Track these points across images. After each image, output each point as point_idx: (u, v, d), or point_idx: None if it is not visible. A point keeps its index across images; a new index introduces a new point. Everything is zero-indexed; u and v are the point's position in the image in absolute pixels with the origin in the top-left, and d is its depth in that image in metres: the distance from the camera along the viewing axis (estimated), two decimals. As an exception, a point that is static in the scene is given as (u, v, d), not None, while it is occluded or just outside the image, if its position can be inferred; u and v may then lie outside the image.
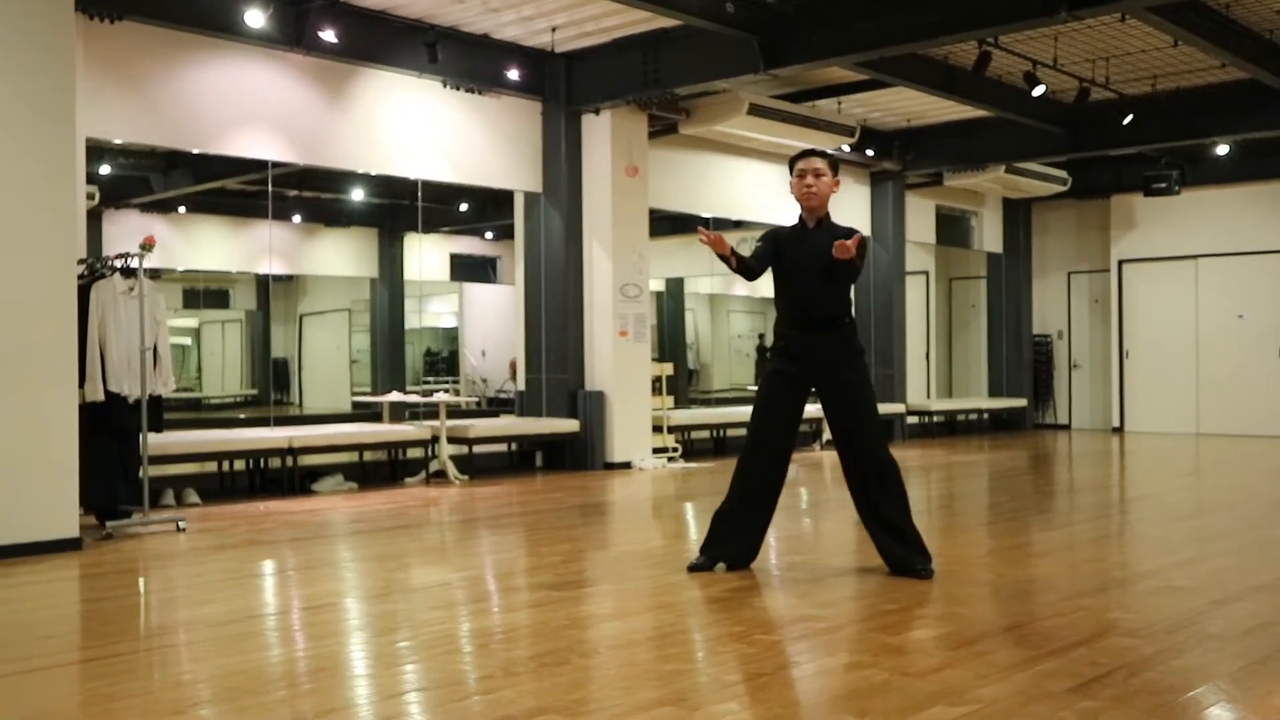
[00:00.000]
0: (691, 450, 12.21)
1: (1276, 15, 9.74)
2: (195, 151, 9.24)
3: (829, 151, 5.81)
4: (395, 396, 11.25)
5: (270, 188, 10.44)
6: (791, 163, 5.71)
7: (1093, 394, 16.84)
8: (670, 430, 11.64)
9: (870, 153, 13.87)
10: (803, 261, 5.54)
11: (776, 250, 5.63)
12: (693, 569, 5.52)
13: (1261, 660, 3.93)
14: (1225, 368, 15.27)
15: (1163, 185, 14.58)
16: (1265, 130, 12.34)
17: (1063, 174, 15.15)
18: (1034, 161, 14.28)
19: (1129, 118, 12.10)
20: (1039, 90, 10.78)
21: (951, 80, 11.18)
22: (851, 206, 14.53)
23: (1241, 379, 15.11)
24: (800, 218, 5.67)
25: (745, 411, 5.98)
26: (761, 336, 16.77)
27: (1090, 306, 16.91)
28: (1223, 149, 14.10)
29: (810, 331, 5.52)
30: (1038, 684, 3.60)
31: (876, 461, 5.47)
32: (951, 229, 16.19)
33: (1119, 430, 16.06)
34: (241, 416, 13.55)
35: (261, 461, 9.35)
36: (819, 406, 5.63)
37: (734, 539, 5.56)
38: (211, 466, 9.09)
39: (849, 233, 5.42)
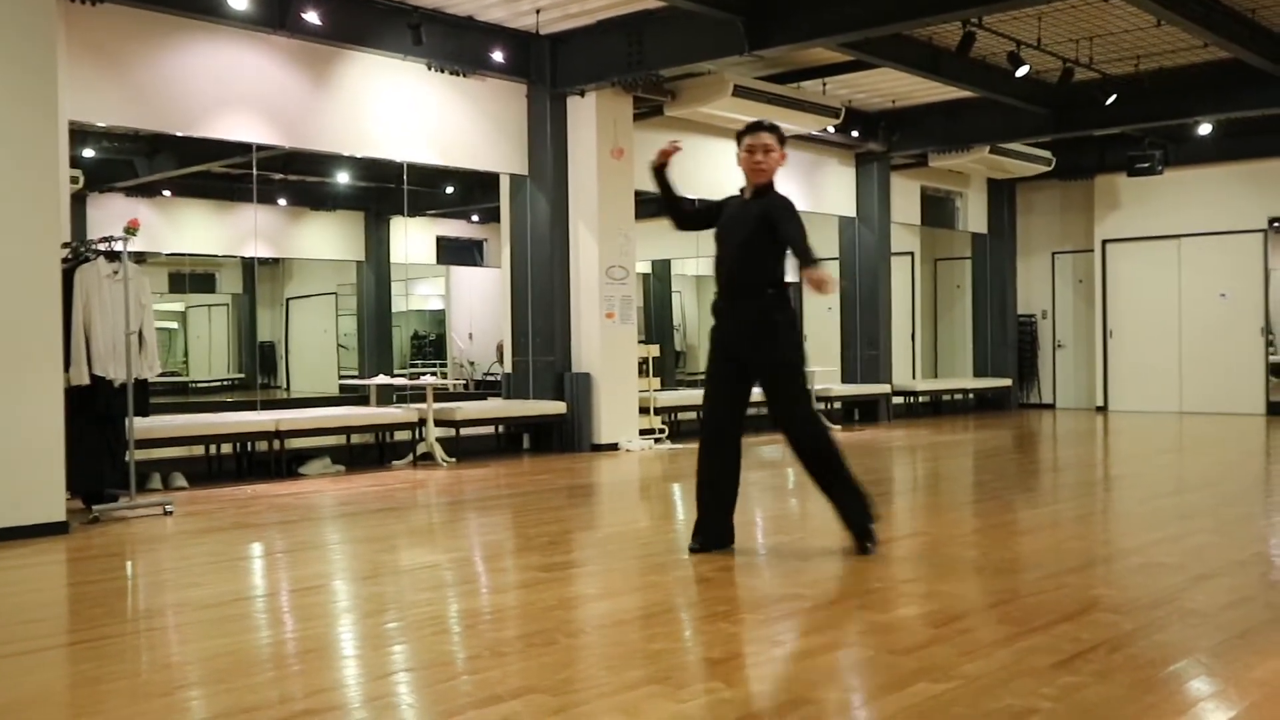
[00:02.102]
0: (678, 431, 12.23)
1: (1259, -5, 9.75)
2: (179, 134, 9.17)
3: (777, 125, 5.67)
4: (382, 380, 11.23)
5: (255, 171, 10.39)
6: (740, 136, 5.57)
7: (1076, 373, 16.90)
8: (657, 412, 11.65)
9: (855, 134, 13.85)
10: (728, 228, 5.51)
11: (715, 216, 5.63)
12: (693, 551, 5.46)
13: (1241, 634, 3.96)
14: (1207, 347, 15.34)
15: (1146, 165, 14.62)
16: (1247, 110, 12.37)
17: (1047, 154, 15.17)
18: (1018, 142, 14.29)
19: (1112, 98, 12.12)
20: (1023, 71, 10.78)
21: (936, 61, 11.17)
22: (837, 188, 14.56)
23: (1223, 358, 15.19)
24: (741, 189, 5.57)
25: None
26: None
27: (1074, 286, 16.96)
28: (1205, 129, 14.13)
29: (733, 299, 5.47)
30: (1021, 660, 3.62)
31: (800, 432, 5.45)
32: (936, 210, 16.20)
33: (1103, 409, 16.14)
34: (228, 400, 13.53)
35: (248, 445, 9.33)
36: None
37: (709, 522, 5.52)
38: (198, 450, 9.07)
39: (783, 202, 5.40)
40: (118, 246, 7.17)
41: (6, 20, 6.27)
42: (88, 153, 11.23)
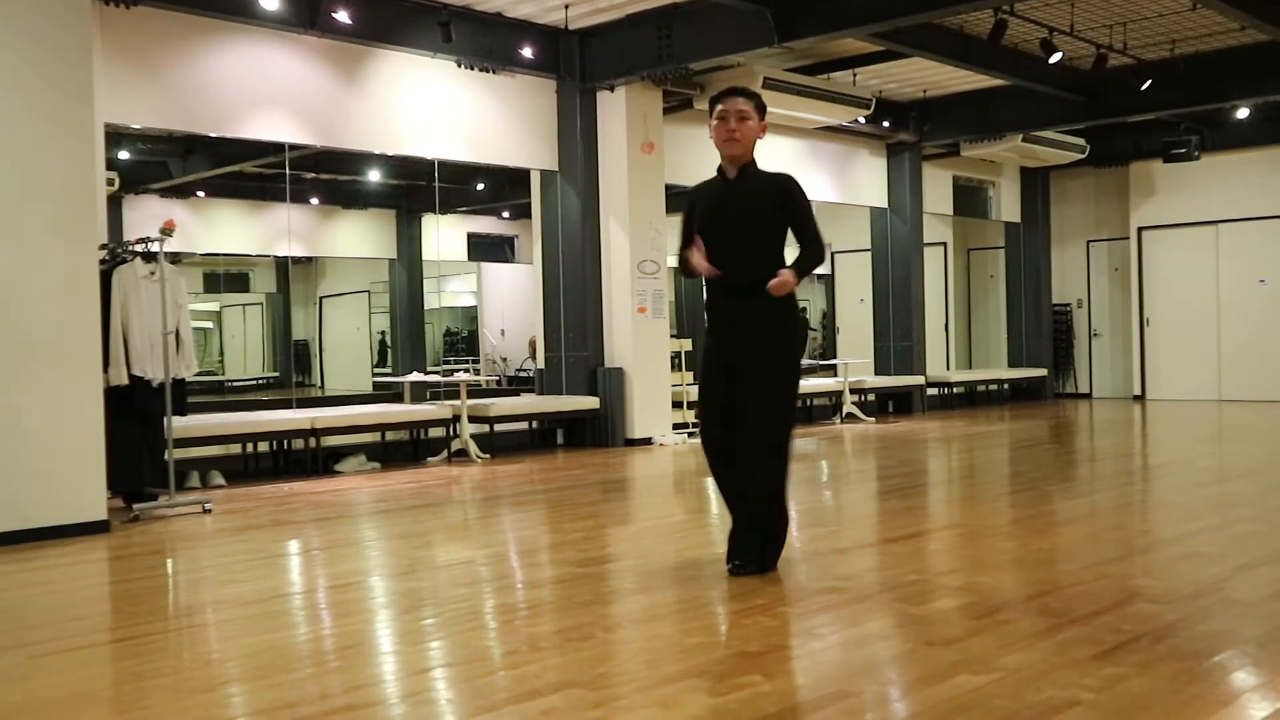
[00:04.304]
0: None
1: (1296, -24, 9.61)
2: (212, 135, 9.25)
3: (754, 90, 4.96)
4: (416, 377, 11.28)
5: (288, 170, 10.46)
6: (711, 104, 4.85)
7: (1113, 362, 16.75)
8: (690, 406, 11.63)
9: (886, 124, 13.80)
10: (721, 217, 4.77)
11: (692, 213, 4.88)
12: (733, 572, 4.83)
13: (1286, 625, 3.91)
14: (1247, 334, 15.16)
15: (1182, 151, 14.47)
16: (1286, 93, 12.22)
17: (1080, 142, 15.03)
18: (1051, 130, 14.17)
19: (1147, 83, 11.98)
20: (1056, 58, 10.68)
21: (968, 49, 11.09)
22: (868, 179, 14.49)
23: (1264, 345, 15.00)
24: (719, 168, 4.87)
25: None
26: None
27: (1110, 275, 16.80)
28: (1243, 113, 13.96)
29: (734, 298, 4.75)
30: (1061, 651, 3.59)
31: (755, 444, 4.68)
32: (969, 199, 16.10)
33: (1140, 398, 15.99)
34: (264, 398, 13.62)
35: (285, 443, 9.40)
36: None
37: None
38: (235, 448, 9.13)
39: (777, 179, 4.79)
40: (154, 247, 7.24)
41: (43, 25, 6.33)
42: (123, 155, 11.33)
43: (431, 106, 10.14)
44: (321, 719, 3.15)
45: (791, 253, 4.81)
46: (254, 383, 15.23)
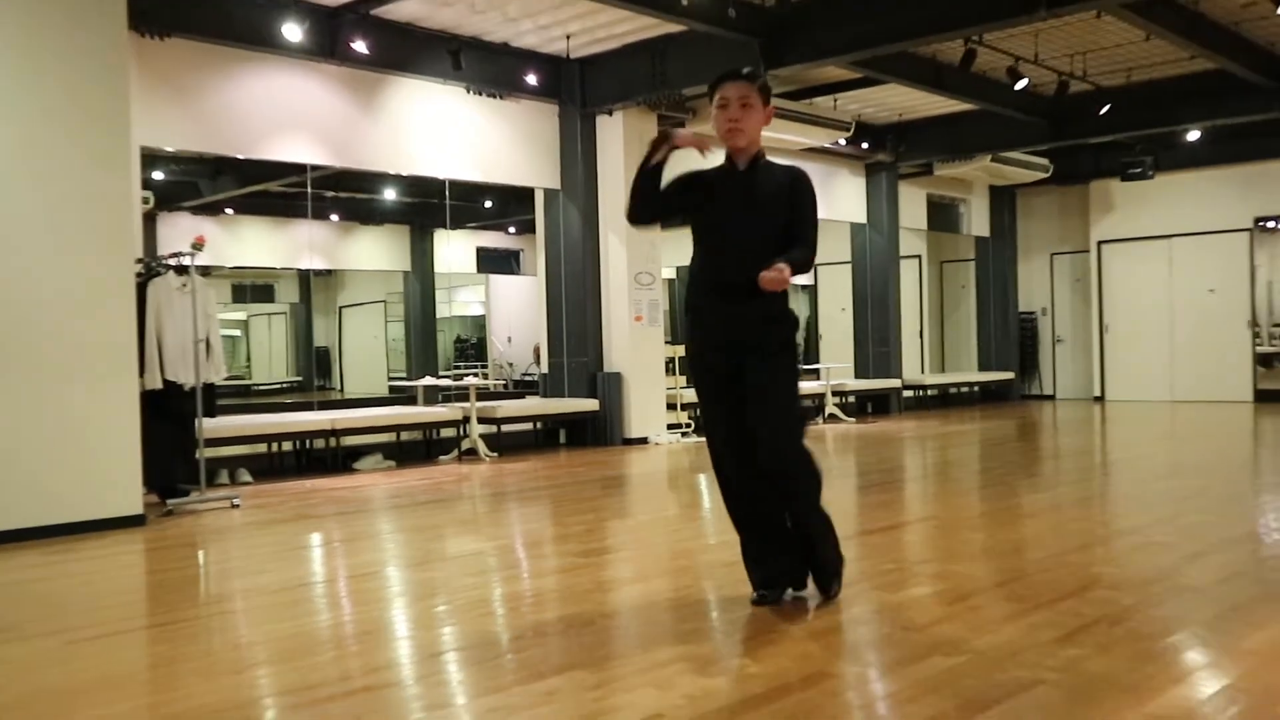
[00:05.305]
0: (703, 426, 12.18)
1: (1241, 9, 9.65)
2: (239, 157, 9.25)
3: (759, 73, 4.09)
4: (428, 381, 11.27)
5: (309, 189, 10.45)
6: (711, 90, 4.04)
7: (1075, 366, 16.77)
8: (683, 407, 11.64)
9: (865, 145, 13.81)
10: (730, 212, 4.01)
11: (699, 195, 4.08)
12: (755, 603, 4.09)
13: (1234, 608, 3.92)
14: (1197, 339, 15.20)
15: (1138, 170, 14.51)
16: (1233, 117, 12.24)
17: (1044, 162, 15.05)
18: (1017, 151, 14.20)
19: (1106, 108, 12.03)
20: (1021, 84, 10.70)
21: (940, 76, 11.11)
22: (848, 196, 14.49)
23: (1213, 349, 15.05)
24: (728, 155, 4.08)
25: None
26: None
27: (1072, 285, 16.82)
28: (1193, 135, 13.99)
29: (731, 300, 3.94)
30: (1027, 635, 3.60)
31: (778, 458, 3.93)
32: (941, 215, 16.12)
33: (1100, 399, 16.00)
34: (287, 401, 13.60)
35: (307, 442, 9.39)
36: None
37: (764, 565, 4.13)
38: (261, 448, 9.13)
39: (791, 172, 4.06)
40: (186, 261, 7.24)
41: (84, 55, 6.34)
42: (157, 175, 11.31)
43: (442, 129, 10.15)
44: (343, 699, 3.16)
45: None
46: (278, 386, 15.21)
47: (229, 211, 13.14)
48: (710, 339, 4.02)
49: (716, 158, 4.15)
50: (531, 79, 10.43)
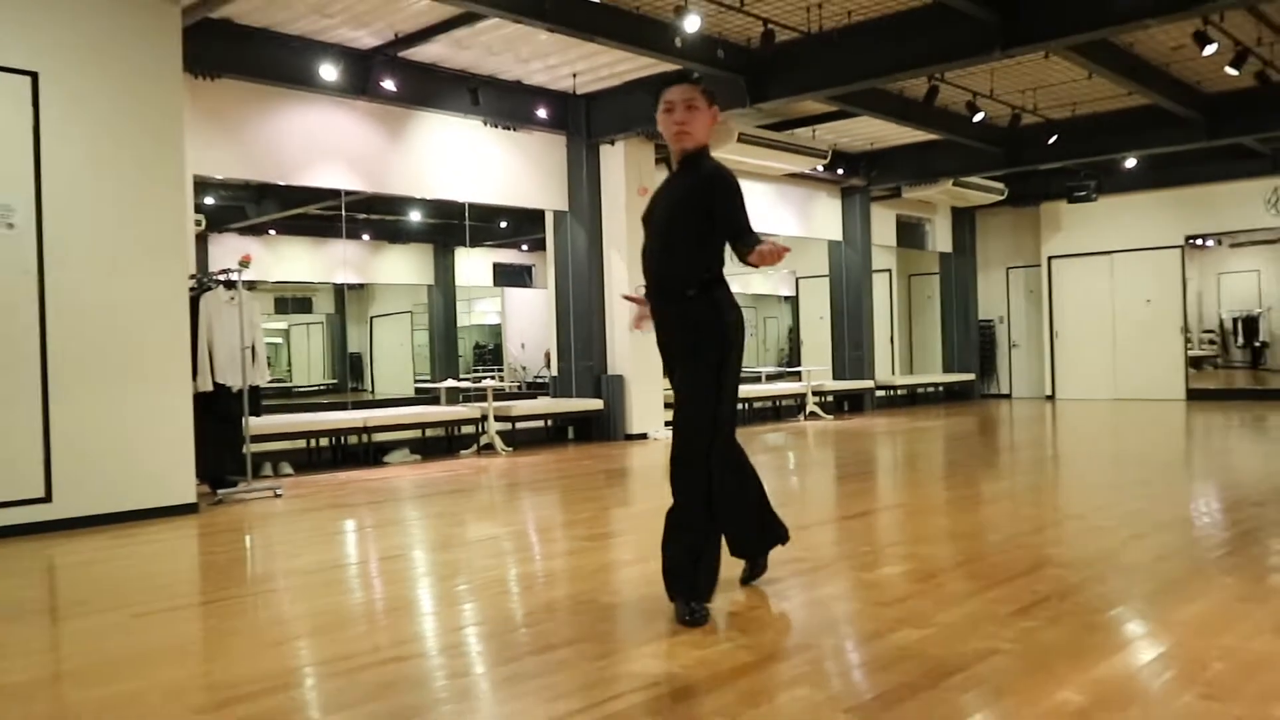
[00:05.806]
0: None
1: (1172, 51, 9.67)
2: (281, 183, 9.25)
3: (701, 78, 3.86)
4: (450, 383, 11.27)
5: (343, 212, 10.45)
6: (656, 96, 3.74)
7: (1029, 368, 16.77)
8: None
9: (840, 171, 13.82)
10: (658, 212, 3.66)
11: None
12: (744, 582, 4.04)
13: (1168, 584, 3.92)
14: (1136, 344, 15.21)
15: (1083, 194, 14.54)
16: (1165, 146, 12.24)
17: (1000, 185, 15.05)
18: (976, 175, 14.19)
19: (1054, 138, 12.05)
20: (979, 117, 10.73)
21: (906, 110, 11.12)
22: (825, 217, 14.49)
23: (1150, 353, 15.07)
24: (667, 162, 3.50)
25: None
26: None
27: (1026, 295, 16.82)
28: (1131, 162, 14.02)
29: (662, 299, 3.65)
30: (986, 609, 3.60)
31: (676, 461, 3.69)
32: (909, 233, 16.11)
33: (1051, 398, 16.00)
34: (324, 402, 13.60)
35: (342, 438, 9.39)
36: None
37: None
38: (301, 443, 9.12)
39: (705, 171, 3.57)
40: (234, 276, 7.25)
41: (144, 95, 6.36)
42: (208, 200, 11.31)
43: (462, 158, 10.16)
44: (374, 669, 3.16)
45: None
46: (316, 389, 15.19)
47: (272, 232, 13.13)
48: (659, 338, 3.73)
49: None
50: (542, 113, 10.44)
